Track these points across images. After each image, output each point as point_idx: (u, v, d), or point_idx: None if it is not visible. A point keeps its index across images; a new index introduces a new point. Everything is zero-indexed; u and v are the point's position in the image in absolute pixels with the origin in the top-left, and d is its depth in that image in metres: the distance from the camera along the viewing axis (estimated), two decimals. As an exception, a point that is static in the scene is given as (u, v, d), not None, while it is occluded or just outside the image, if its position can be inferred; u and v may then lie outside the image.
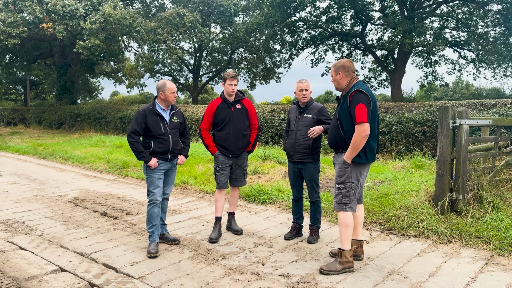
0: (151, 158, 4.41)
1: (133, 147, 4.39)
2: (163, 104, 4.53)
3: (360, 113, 3.73)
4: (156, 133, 4.45)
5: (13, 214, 5.98)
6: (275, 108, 14.18)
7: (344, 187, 3.90)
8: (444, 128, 5.27)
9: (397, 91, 21.49)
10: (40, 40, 23.74)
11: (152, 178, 4.47)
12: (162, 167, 4.52)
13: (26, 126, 26.48)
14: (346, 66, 3.96)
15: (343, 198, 3.90)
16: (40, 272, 3.86)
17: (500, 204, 5.34)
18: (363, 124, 3.72)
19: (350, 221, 3.90)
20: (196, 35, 21.89)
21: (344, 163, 3.88)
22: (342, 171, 3.90)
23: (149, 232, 4.46)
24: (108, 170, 9.93)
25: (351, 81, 3.95)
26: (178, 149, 4.63)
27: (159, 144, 4.46)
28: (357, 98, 3.78)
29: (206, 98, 38.48)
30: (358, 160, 3.86)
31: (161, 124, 4.48)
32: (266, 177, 8.37)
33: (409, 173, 7.96)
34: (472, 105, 10.32)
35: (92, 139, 16.46)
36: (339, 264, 3.86)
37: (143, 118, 4.41)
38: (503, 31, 19.50)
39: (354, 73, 4.00)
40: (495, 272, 3.89)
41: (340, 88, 4.03)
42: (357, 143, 3.75)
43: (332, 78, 4.06)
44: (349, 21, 23.47)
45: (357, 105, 3.75)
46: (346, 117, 3.87)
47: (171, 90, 4.47)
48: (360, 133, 3.72)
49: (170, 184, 4.74)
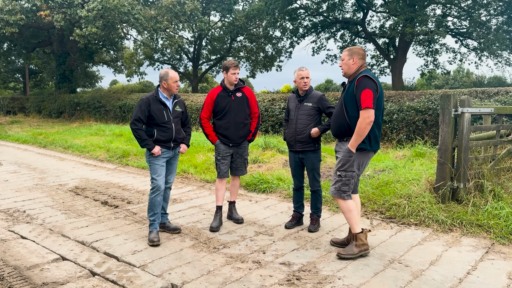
0: (154, 146, 4.41)
1: (137, 135, 4.37)
2: (166, 93, 4.52)
3: (365, 99, 3.67)
4: (159, 121, 4.44)
5: (14, 203, 5.99)
6: (275, 97, 14.11)
7: (345, 175, 3.88)
8: (446, 116, 5.24)
9: (398, 79, 21.38)
10: (39, 28, 23.54)
11: (155, 165, 4.47)
12: (165, 155, 4.52)
13: (25, 115, 26.40)
14: (361, 53, 3.93)
15: (342, 186, 3.90)
16: (42, 261, 3.87)
17: (501, 192, 5.33)
18: (368, 109, 3.67)
19: (352, 205, 3.93)
20: (196, 24, 21.69)
21: (349, 152, 3.84)
22: (346, 159, 3.87)
23: (150, 221, 4.47)
24: (108, 159, 9.92)
25: (360, 68, 3.90)
26: (180, 137, 4.63)
27: (162, 133, 4.45)
28: (364, 83, 3.73)
29: (205, 87, 38.28)
30: (363, 146, 3.82)
31: (164, 113, 4.47)
32: (266, 166, 8.36)
33: (410, 162, 7.95)
34: (474, 94, 10.26)
35: (92, 128, 16.43)
36: (355, 247, 3.91)
37: (147, 106, 4.40)
38: (505, 19, 19.32)
39: (365, 62, 3.98)
40: (496, 261, 3.89)
41: (348, 73, 3.96)
42: (362, 130, 3.70)
43: (343, 61, 3.97)
44: (350, 8, 23.25)
45: (363, 91, 3.70)
46: (351, 102, 3.82)
47: (174, 79, 4.45)
48: (365, 119, 3.67)
49: (173, 172, 4.74)
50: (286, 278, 3.53)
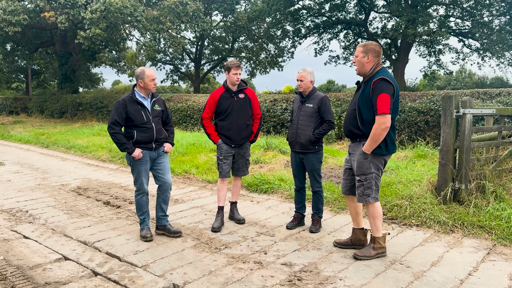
0: (134, 149, 4.29)
1: (115, 139, 4.25)
2: (143, 92, 4.39)
3: (382, 104, 3.50)
4: (138, 123, 4.31)
5: (17, 203, 6.01)
6: (277, 98, 14.11)
7: (365, 178, 3.78)
8: (447, 117, 5.24)
9: (400, 80, 21.38)
10: (41, 29, 23.61)
11: (137, 169, 4.40)
12: (146, 157, 4.40)
13: (28, 115, 26.49)
14: (377, 51, 3.70)
15: (365, 190, 3.79)
16: (44, 261, 3.89)
17: (503, 193, 5.33)
18: (384, 115, 3.50)
19: (378, 212, 3.86)
20: (199, 24, 21.73)
21: (363, 154, 3.72)
22: (361, 163, 3.76)
23: (140, 219, 4.53)
24: (110, 159, 9.95)
25: (375, 67, 3.70)
26: (162, 138, 4.50)
27: (142, 133, 4.33)
28: (381, 87, 3.55)
29: (207, 88, 38.32)
30: (379, 151, 3.70)
31: (142, 113, 4.34)
32: (268, 166, 8.37)
33: (412, 163, 7.94)
34: (476, 94, 10.24)
35: (94, 128, 16.47)
36: (372, 249, 3.91)
37: (123, 108, 4.27)
38: (508, 19, 19.29)
39: (380, 59, 3.76)
40: (497, 262, 3.89)
41: (362, 72, 3.76)
42: (377, 136, 3.56)
43: (356, 58, 3.75)
44: (352, 9, 23.25)
45: (380, 95, 3.52)
46: (367, 105, 3.65)
47: (150, 78, 4.33)
48: (380, 125, 3.52)
49: (166, 170, 4.58)
50: (288, 278, 3.53)
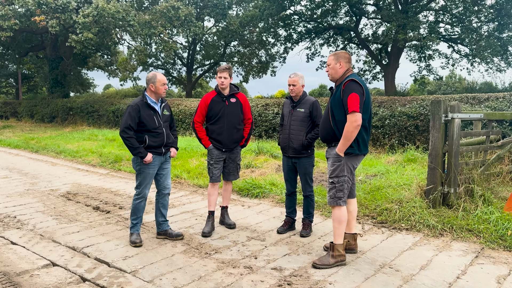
0: (147, 154, 4.32)
1: (128, 143, 4.25)
2: (154, 96, 4.41)
3: (352, 102, 3.68)
4: (150, 128, 4.33)
5: (5, 208, 5.93)
6: (269, 102, 14.15)
7: (337, 181, 3.87)
8: (436, 122, 5.29)
9: (390, 85, 21.55)
10: (32, 33, 23.46)
11: (145, 173, 4.39)
12: (156, 162, 4.44)
13: (18, 119, 26.23)
14: (347, 57, 3.94)
15: (337, 193, 3.88)
16: (32, 267, 3.84)
17: (491, 197, 5.39)
18: (355, 113, 3.67)
19: (344, 217, 3.90)
20: (191, 29, 21.74)
21: (337, 156, 3.85)
22: (335, 165, 3.87)
23: (133, 223, 4.48)
24: (100, 164, 9.88)
25: (346, 72, 3.91)
26: (170, 142, 4.57)
27: (153, 138, 4.36)
28: (351, 87, 3.73)
29: (199, 93, 38.25)
30: (351, 150, 3.82)
31: (155, 118, 4.37)
32: (259, 171, 8.37)
33: (402, 167, 8.00)
34: (465, 99, 10.37)
35: (85, 133, 16.35)
36: (331, 257, 3.88)
37: (137, 112, 4.28)
38: (496, 26, 19.58)
39: (351, 65, 4.00)
40: (485, 265, 3.93)
41: (335, 78, 3.96)
42: (349, 133, 3.70)
43: (330, 66, 3.96)
44: (343, 15, 23.44)
45: (350, 94, 3.70)
46: (338, 106, 3.82)
47: (162, 82, 4.36)
48: (352, 123, 3.67)
49: (168, 176, 4.65)
50: (278, 283, 3.53)
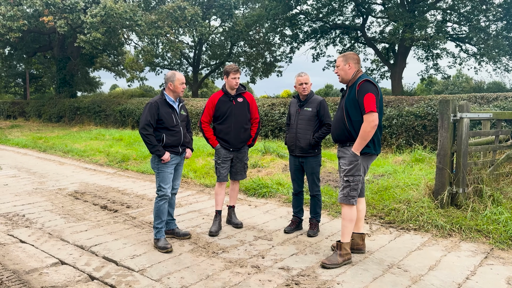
0: (165, 152, 4.30)
1: (148, 140, 4.23)
2: (172, 95, 4.41)
3: (369, 103, 3.70)
4: (169, 125, 4.32)
5: (13, 207, 5.99)
6: (275, 102, 14.14)
7: (353, 180, 3.87)
8: (444, 121, 5.25)
9: (397, 84, 21.44)
10: (40, 33, 23.63)
11: (164, 173, 4.36)
12: (173, 161, 4.42)
13: (25, 119, 26.45)
14: (356, 58, 3.96)
15: (351, 191, 3.88)
16: (41, 265, 3.87)
17: (500, 197, 5.34)
18: (372, 113, 3.69)
19: (355, 215, 3.92)
20: (197, 29, 21.78)
21: (354, 156, 3.84)
22: (352, 164, 3.86)
23: (158, 228, 4.35)
24: (108, 164, 9.93)
25: (357, 73, 3.93)
26: (187, 141, 4.55)
27: (171, 137, 4.35)
28: (366, 87, 3.75)
29: (205, 93, 38.35)
30: (368, 150, 3.84)
31: (173, 116, 4.37)
32: (266, 170, 8.36)
33: (409, 167, 7.95)
34: (473, 99, 10.29)
35: (92, 133, 16.44)
36: (339, 256, 3.88)
37: (156, 110, 4.27)
38: (504, 25, 19.40)
39: (360, 66, 4.02)
40: (495, 266, 3.89)
41: (345, 79, 3.98)
42: (367, 133, 3.72)
43: (339, 67, 3.98)
44: (350, 14, 23.36)
45: (366, 95, 3.72)
46: (354, 107, 3.83)
47: (181, 81, 4.36)
48: (369, 123, 3.70)
49: (179, 178, 4.65)
50: (285, 283, 3.52)
